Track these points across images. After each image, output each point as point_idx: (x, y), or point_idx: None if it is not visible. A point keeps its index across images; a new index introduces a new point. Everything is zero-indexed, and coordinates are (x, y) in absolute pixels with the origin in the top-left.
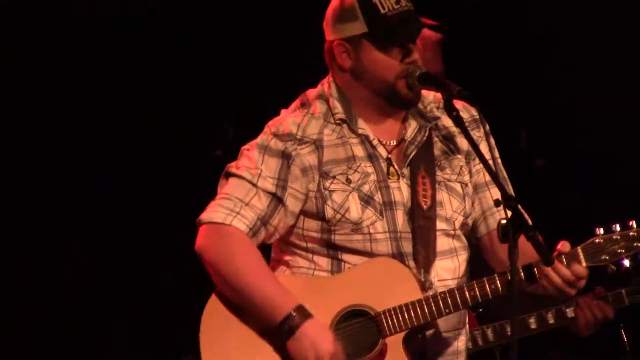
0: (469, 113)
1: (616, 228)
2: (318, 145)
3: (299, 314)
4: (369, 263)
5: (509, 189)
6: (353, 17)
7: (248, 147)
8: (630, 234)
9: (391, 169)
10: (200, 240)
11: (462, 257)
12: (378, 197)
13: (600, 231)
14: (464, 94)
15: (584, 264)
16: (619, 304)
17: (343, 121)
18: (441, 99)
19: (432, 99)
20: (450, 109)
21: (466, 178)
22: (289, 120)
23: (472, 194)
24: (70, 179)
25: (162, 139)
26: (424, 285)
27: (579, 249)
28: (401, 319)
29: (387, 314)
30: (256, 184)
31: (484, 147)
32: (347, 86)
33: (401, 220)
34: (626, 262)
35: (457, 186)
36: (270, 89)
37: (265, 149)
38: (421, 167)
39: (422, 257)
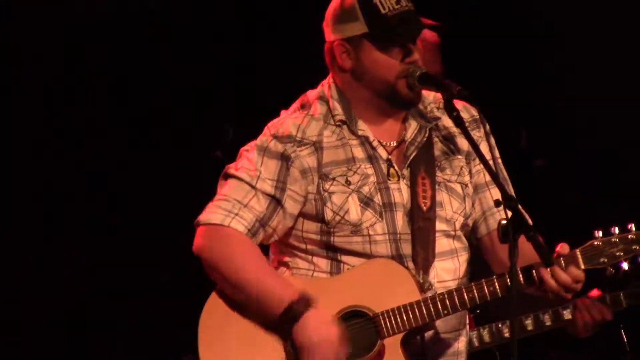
0: (469, 113)
1: (615, 231)
2: (317, 147)
3: (301, 301)
4: (368, 264)
5: (509, 189)
6: (353, 17)
7: (247, 148)
8: (629, 236)
9: (391, 170)
10: (199, 241)
11: (463, 258)
12: (378, 198)
13: (599, 234)
14: (464, 94)
15: (582, 266)
16: (617, 306)
17: (343, 122)
18: (441, 99)
19: (432, 99)
20: (451, 109)
21: (466, 178)
22: (289, 122)
23: (473, 194)
24: (70, 179)
25: (162, 139)
26: (423, 286)
27: (578, 252)
28: (399, 320)
29: (385, 315)
30: (255, 186)
31: (484, 147)
32: (347, 87)
33: (401, 221)
34: (625, 265)
35: (457, 187)
36: (270, 89)
37: (264, 150)
38: (421, 168)
39: (421, 259)
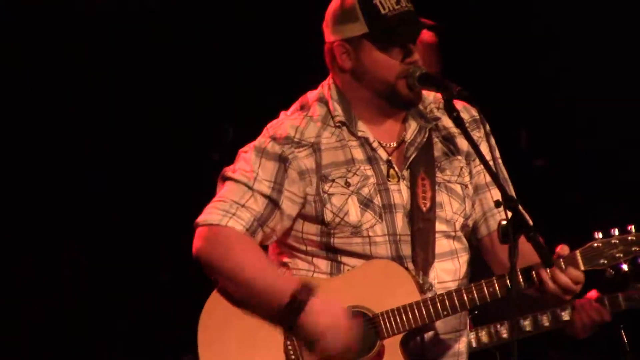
0: (469, 113)
1: (615, 232)
2: (316, 149)
3: (304, 290)
4: (368, 265)
5: (509, 189)
6: (353, 18)
7: (246, 150)
8: (629, 238)
9: (391, 171)
10: (198, 242)
11: (463, 258)
12: (377, 200)
13: (598, 235)
14: (464, 94)
15: (582, 267)
16: (616, 308)
17: (343, 124)
18: (441, 99)
19: (432, 99)
20: (451, 109)
21: (466, 179)
22: (288, 124)
23: (473, 195)
24: (70, 179)
25: (162, 139)
26: (423, 287)
27: (578, 253)
28: (399, 320)
29: (385, 315)
30: (252, 187)
31: (484, 148)
32: (347, 87)
33: (400, 223)
34: (624, 267)
35: (457, 187)
36: (270, 89)
37: (262, 152)
38: (421, 168)
39: (421, 260)
